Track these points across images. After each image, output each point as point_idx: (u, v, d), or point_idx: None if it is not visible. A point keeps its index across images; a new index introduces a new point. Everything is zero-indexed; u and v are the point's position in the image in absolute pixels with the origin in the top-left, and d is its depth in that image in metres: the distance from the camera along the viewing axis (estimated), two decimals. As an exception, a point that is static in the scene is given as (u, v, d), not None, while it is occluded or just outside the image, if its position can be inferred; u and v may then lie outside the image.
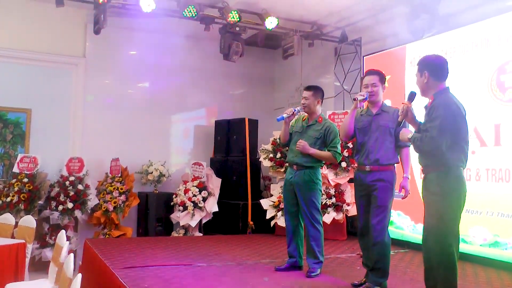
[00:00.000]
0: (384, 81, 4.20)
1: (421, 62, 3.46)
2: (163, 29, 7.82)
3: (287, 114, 4.67)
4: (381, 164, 4.01)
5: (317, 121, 4.69)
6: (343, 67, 7.70)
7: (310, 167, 4.63)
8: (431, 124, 3.24)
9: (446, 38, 5.85)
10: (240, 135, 8.06)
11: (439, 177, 3.25)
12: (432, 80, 3.37)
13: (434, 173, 3.27)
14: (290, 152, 4.77)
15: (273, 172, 7.42)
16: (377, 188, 3.98)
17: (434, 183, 3.25)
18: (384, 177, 3.97)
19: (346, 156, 6.80)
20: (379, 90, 4.10)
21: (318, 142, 4.63)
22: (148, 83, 8.53)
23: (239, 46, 7.28)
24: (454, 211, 3.23)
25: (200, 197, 7.34)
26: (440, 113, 3.21)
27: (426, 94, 3.44)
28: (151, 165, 7.85)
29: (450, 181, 3.23)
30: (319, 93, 4.77)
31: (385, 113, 4.09)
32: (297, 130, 4.79)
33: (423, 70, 3.40)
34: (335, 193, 6.84)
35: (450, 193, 3.22)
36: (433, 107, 3.28)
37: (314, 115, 4.75)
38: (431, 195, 3.27)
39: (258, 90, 9.41)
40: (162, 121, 8.53)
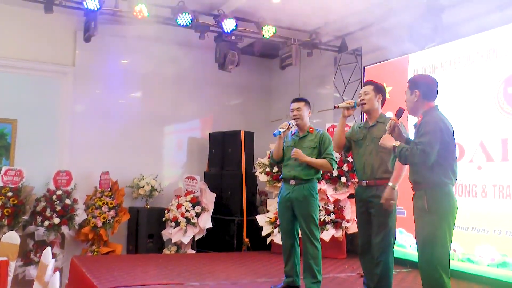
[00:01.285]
0: (380, 91, 4.23)
1: (413, 81, 3.57)
2: (156, 37, 7.85)
3: (283, 128, 4.69)
4: (377, 178, 4.01)
5: (309, 132, 4.75)
6: (343, 78, 7.69)
7: (308, 181, 4.63)
8: (420, 139, 3.32)
9: (451, 48, 5.85)
10: (235, 148, 8.05)
11: (427, 193, 3.33)
12: (422, 99, 3.48)
13: (423, 190, 3.37)
14: (285, 168, 4.78)
15: (269, 186, 7.40)
16: (374, 205, 3.97)
17: (422, 199, 3.34)
18: (381, 193, 3.94)
19: (346, 170, 6.80)
20: (371, 99, 4.14)
21: (314, 152, 4.67)
22: (140, 93, 8.55)
23: (235, 55, 7.31)
24: (442, 229, 3.29)
25: (193, 212, 7.32)
26: (429, 128, 3.31)
27: (414, 113, 3.54)
28: (143, 179, 7.84)
29: (438, 197, 3.32)
30: (308, 104, 4.86)
31: (380, 124, 4.11)
32: (290, 145, 4.81)
33: (414, 88, 3.51)
34: (334, 209, 6.81)
35: (437, 210, 3.30)
36: (422, 124, 3.38)
37: (305, 127, 4.79)
38: (419, 211, 3.36)
39: (255, 101, 9.45)
40: (155, 133, 8.54)
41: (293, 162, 4.68)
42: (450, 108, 3.87)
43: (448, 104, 3.87)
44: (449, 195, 3.35)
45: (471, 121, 5.41)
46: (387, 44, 6.67)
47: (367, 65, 7.13)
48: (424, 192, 3.36)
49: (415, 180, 3.45)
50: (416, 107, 3.51)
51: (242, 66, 7.64)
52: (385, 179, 3.98)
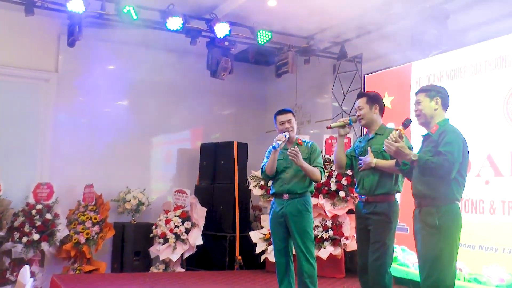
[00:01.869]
0: (374, 101, 4.24)
1: (433, 88, 3.67)
2: (145, 42, 7.85)
3: (280, 141, 4.66)
4: (375, 194, 4.03)
5: (298, 144, 4.79)
6: (342, 87, 7.72)
7: (302, 194, 4.66)
8: (445, 149, 3.35)
9: (456, 56, 5.84)
10: (228, 160, 8.05)
11: (440, 210, 3.39)
12: (441, 108, 3.61)
13: (435, 206, 3.42)
14: (277, 182, 4.79)
15: (264, 201, 7.41)
16: (372, 222, 4.01)
17: (433, 216, 3.39)
18: (379, 209, 3.98)
19: (345, 184, 6.81)
20: (367, 113, 4.18)
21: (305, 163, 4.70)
22: (127, 101, 8.53)
23: (228, 62, 7.31)
24: (452, 248, 3.38)
25: (182, 228, 7.31)
26: (453, 138, 3.39)
27: (429, 122, 3.61)
28: (129, 192, 7.82)
29: (451, 214, 3.40)
30: (295, 116, 4.93)
31: (379, 136, 4.13)
32: (280, 158, 4.80)
33: (436, 96, 3.61)
34: (333, 225, 6.79)
35: (449, 228, 3.38)
36: (444, 132, 3.45)
37: (293, 139, 4.83)
38: (429, 229, 3.40)
39: (249, 110, 9.46)
40: (142, 143, 8.54)
41: (286, 176, 4.70)
42: (455, 119, 3.87)
43: (454, 115, 3.91)
44: (459, 213, 3.43)
45: (478, 133, 5.39)
46: (389, 51, 6.67)
47: (368, 73, 7.13)
48: (436, 208, 3.40)
49: (425, 194, 3.47)
50: (433, 116, 3.59)
51: (235, 74, 7.65)
52: (385, 194, 4.01)
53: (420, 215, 3.49)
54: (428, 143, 3.54)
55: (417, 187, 3.55)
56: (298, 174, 4.68)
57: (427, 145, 3.56)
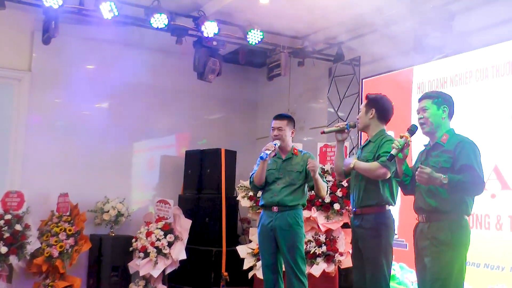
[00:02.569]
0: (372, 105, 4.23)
1: (441, 95, 3.71)
2: (127, 41, 7.82)
3: (269, 150, 4.69)
4: (362, 206, 4.07)
5: (293, 154, 4.83)
6: (338, 91, 7.70)
7: (293, 207, 4.68)
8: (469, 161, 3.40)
9: (461, 61, 5.83)
10: (215, 168, 8.04)
11: (452, 225, 3.44)
12: (447, 117, 3.67)
13: (447, 221, 3.45)
14: (267, 193, 4.83)
15: (252, 213, 7.37)
16: (359, 237, 4.06)
17: (445, 232, 3.43)
18: (365, 223, 4.02)
19: (340, 196, 6.78)
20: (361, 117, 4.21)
21: (300, 176, 4.74)
22: (107, 103, 8.47)
23: (216, 63, 7.29)
24: (462, 266, 3.45)
25: (165, 241, 7.26)
26: (474, 150, 3.47)
27: (434, 131, 3.64)
28: (108, 202, 7.74)
29: (462, 230, 3.46)
30: (292, 122, 4.95)
31: (371, 143, 4.17)
32: (271, 168, 4.85)
33: (443, 104, 3.65)
34: (326, 240, 6.75)
35: (461, 244, 3.45)
36: (461, 143, 3.49)
37: (288, 148, 4.87)
38: (440, 245, 3.43)
39: (238, 115, 9.44)
40: (123, 149, 8.42)
41: (276, 187, 4.71)
42: (459, 128, 3.86)
43: (458, 124, 3.93)
44: (469, 228, 3.50)
45: (485, 144, 5.26)
46: (389, 54, 6.65)
47: (366, 77, 7.14)
48: (448, 223, 3.44)
49: (437, 208, 3.49)
50: (440, 125, 3.64)
51: (224, 76, 7.63)
52: (371, 206, 4.02)
53: (429, 230, 3.50)
54: (441, 154, 3.53)
55: (426, 200, 3.53)
56: (290, 185, 4.67)
57: (438, 155, 3.53)
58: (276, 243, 4.67)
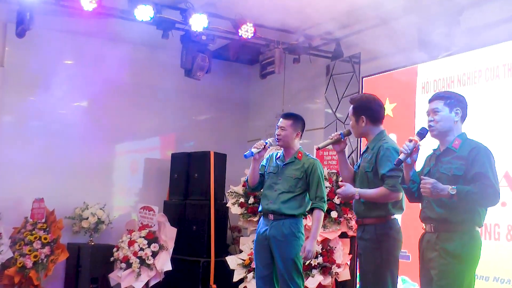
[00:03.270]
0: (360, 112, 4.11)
1: (454, 96, 3.68)
2: (108, 34, 7.83)
3: (257, 149, 4.72)
4: (362, 217, 4.05)
5: (296, 158, 4.77)
6: (337, 91, 7.67)
7: (291, 216, 4.63)
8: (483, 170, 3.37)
9: (470, 59, 5.77)
10: (203, 172, 8.03)
11: (463, 236, 3.42)
12: (460, 121, 3.65)
13: (455, 231, 3.44)
14: (263, 199, 4.80)
15: (243, 221, 7.33)
16: (360, 249, 4.05)
17: (456, 243, 3.41)
18: (364, 234, 4.00)
19: (338, 204, 6.75)
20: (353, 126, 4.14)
21: (299, 183, 4.68)
22: (86, 102, 8.48)
23: (205, 59, 7.24)
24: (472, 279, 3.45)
25: (148, 251, 7.24)
26: (488, 157, 3.45)
27: (445, 135, 3.62)
28: (87, 208, 7.75)
29: (474, 242, 3.45)
30: (300, 124, 4.84)
31: (369, 150, 4.11)
32: (271, 171, 4.83)
33: (456, 106, 3.62)
34: (323, 251, 6.71)
35: (472, 257, 3.44)
36: (475, 149, 3.47)
37: (291, 151, 4.80)
38: (449, 258, 3.41)
39: (228, 116, 9.46)
40: (103, 151, 8.42)
41: (273, 193, 4.70)
42: (468, 132, 3.81)
43: (465, 127, 3.86)
44: (480, 240, 3.48)
45: (495, 148, 5.15)
46: (392, 51, 6.64)
47: (366, 75, 7.09)
48: (459, 234, 3.42)
49: (447, 219, 3.47)
50: (452, 129, 3.61)
51: (213, 73, 7.60)
52: (373, 217, 3.98)
53: (438, 241, 3.47)
54: (452, 160, 3.49)
55: (435, 209, 3.50)
56: (287, 193, 4.62)
57: (450, 161, 3.49)
58: (272, 253, 4.66)
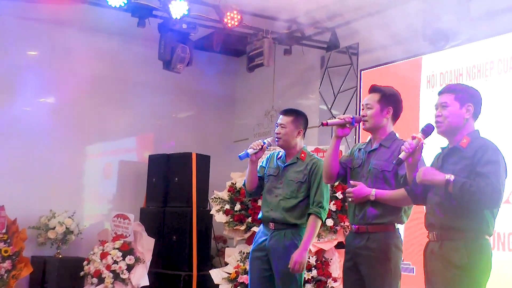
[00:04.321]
0: (390, 101, 4.17)
1: (466, 90, 3.65)
2: (78, 22, 7.79)
3: (253, 149, 4.67)
4: (370, 223, 4.00)
5: (299, 159, 4.73)
6: (332, 85, 7.68)
7: (294, 226, 4.61)
8: (486, 169, 3.32)
9: (480, 49, 5.75)
10: (184, 176, 8.03)
11: (468, 246, 3.38)
12: (472, 118, 3.60)
13: (460, 239, 3.40)
14: (263, 205, 4.78)
15: (229, 230, 7.28)
16: (363, 260, 3.99)
17: (462, 253, 3.37)
18: (372, 244, 3.96)
19: (334, 210, 6.66)
20: (376, 115, 4.14)
21: (302, 188, 4.64)
22: (53, 98, 8.44)
23: (186, 50, 7.22)
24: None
25: (123, 264, 7.20)
26: (495, 157, 3.39)
27: (453, 132, 3.59)
28: (53, 217, 7.70)
29: (482, 252, 3.40)
30: (302, 120, 4.81)
31: (383, 148, 4.10)
32: (271, 173, 4.79)
33: (468, 102, 3.58)
34: (317, 263, 6.68)
35: (480, 269, 3.39)
36: (482, 148, 3.43)
37: (293, 151, 4.75)
38: (455, 270, 3.37)
39: (212, 113, 9.46)
40: (73, 153, 8.38)
41: (274, 199, 4.66)
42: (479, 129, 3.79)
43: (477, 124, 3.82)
44: (490, 250, 3.44)
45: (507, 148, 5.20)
46: (393, 41, 6.62)
47: (365, 68, 7.11)
48: (463, 243, 3.38)
49: (449, 225, 3.44)
50: (461, 127, 3.56)
51: (195, 66, 7.60)
52: (382, 224, 3.97)
53: (441, 251, 3.44)
54: (458, 160, 3.45)
55: (437, 215, 3.49)
56: (289, 198, 4.59)
57: (455, 161, 3.46)
58: (270, 266, 4.61)
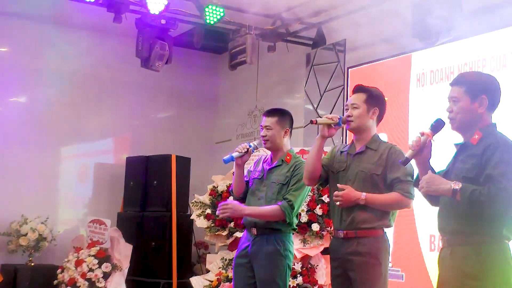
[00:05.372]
0: (376, 102, 4.19)
1: (478, 81, 3.45)
2: (52, 17, 7.79)
3: (239, 152, 4.64)
4: (359, 228, 3.98)
5: (284, 161, 4.68)
6: (318, 83, 7.63)
7: (276, 231, 4.57)
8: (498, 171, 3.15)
9: (473, 46, 5.74)
10: (163, 179, 8.04)
11: (480, 251, 3.22)
12: (487, 111, 3.40)
13: (471, 244, 3.26)
14: None
15: (210, 236, 7.27)
16: (354, 266, 3.97)
17: (473, 260, 3.23)
18: (363, 248, 3.95)
19: (320, 215, 6.67)
20: (362, 115, 4.14)
21: (283, 190, 4.60)
22: (25, 97, 8.45)
23: (165, 47, 7.17)
24: None
25: (99, 272, 7.20)
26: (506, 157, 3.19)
27: (466, 128, 3.42)
28: (25, 223, 7.68)
29: (498, 258, 3.23)
30: (287, 120, 4.77)
31: (370, 151, 4.10)
32: (256, 176, 4.76)
33: (481, 93, 3.37)
34: (303, 269, 6.66)
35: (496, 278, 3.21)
36: (493, 146, 3.24)
37: (279, 153, 4.71)
38: (467, 280, 3.23)
39: (192, 113, 9.47)
40: (46, 155, 8.35)
41: (257, 203, 4.64)
42: None
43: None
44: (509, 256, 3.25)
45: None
46: (382, 38, 6.66)
47: (353, 66, 7.10)
48: (475, 249, 3.22)
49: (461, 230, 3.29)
50: (474, 121, 3.39)
51: (175, 64, 7.54)
52: (371, 229, 3.97)
53: (452, 258, 3.31)
54: (466, 158, 3.31)
55: (448, 218, 3.36)
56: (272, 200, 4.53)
57: (464, 160, 3.31)
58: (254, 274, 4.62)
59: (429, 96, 5.99)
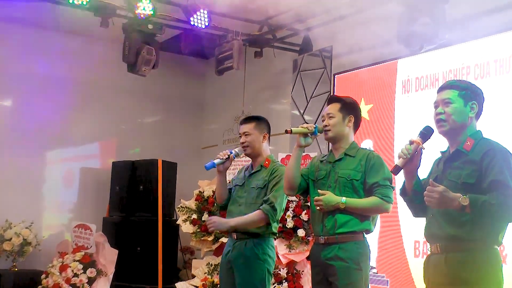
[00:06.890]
0: (351, 110, 4.25)
1: (470, 87, 3.50)
2: (37, 21, 7.79)
3: (220, 159, 4.68)
4: (339, 233, 4.00)
5: (263, 166, 4.73)
6: (305, 89, 7.70)
7: (255, 236, 4.59)
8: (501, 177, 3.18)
9: (457, 54, 5.81)
10: (149, 184, 8.06)
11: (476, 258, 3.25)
12: (475, 118, 3.45)
13: (467, 251, 3.28)
14: (228, 215, 4.79)
15: (196, 241, 7.34)
16: (335, 271, 3.97)
17: (470, 267, 3.24)
18: (344, 253, 3.97)
19: (305, 220, 6.68)
20: (338, 123, 4.19)
21: (261, 194, 4.64)
22: (10, 101, 8.47)
23: (151, 52, 7.19)
24: None
25: (84, 277, 7.19)
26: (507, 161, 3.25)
27: (456, 133, 3.44)
28: (9, 227, 7.67)
29: (492, 264, 3.27)
30: (264, 125, 4.84)
31: (349, 158, 4.15)
32: (238, 183, 4.82)
33: (472, 99, 3.43)
34: (288, 275, 6.68)
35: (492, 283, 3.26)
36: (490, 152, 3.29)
37: (259, 158, 4.77)
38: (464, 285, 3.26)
39: (179, 119, 9.50)
40: (31, 160, 8.33)
41: (237, 209, 4.68)
42: None
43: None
44: (500, 261, 3.29)
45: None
46: (368, 44, 6.66)
47: (339, 72, 7.14)
48: (471, 256, 3.24)
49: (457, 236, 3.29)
50: (465, 126, 3.41)
51: (162, 69, 7.58)
52: (351, 233, 3.99)
53: (447, 265, 3.29)
54: (463, 164, 3.32)
55: (443, 225, 3.35)
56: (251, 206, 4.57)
57: (460, 166, 3.32)
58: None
59: (414, 102, 6.03)
